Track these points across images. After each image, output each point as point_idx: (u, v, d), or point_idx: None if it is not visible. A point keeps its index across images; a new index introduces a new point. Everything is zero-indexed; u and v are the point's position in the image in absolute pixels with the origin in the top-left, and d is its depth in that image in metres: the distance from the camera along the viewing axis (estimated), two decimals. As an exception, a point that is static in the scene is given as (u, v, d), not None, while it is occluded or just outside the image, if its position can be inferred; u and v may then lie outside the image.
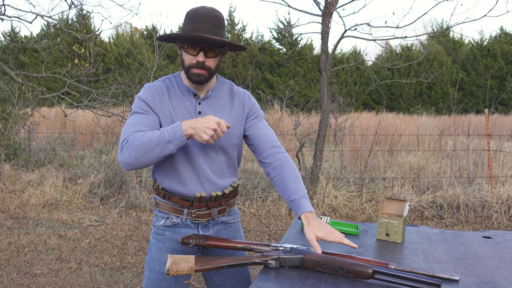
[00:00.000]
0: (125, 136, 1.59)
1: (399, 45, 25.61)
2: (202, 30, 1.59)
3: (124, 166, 1.58)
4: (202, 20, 1.60)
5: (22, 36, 22.24)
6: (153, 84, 1.70)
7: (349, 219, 5.44)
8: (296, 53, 22.98)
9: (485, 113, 6.28)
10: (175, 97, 1.69)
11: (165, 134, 1.54)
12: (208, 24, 1.60)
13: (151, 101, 1.66)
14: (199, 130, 1.52)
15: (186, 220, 1.73)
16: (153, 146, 1.53)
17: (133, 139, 1.55)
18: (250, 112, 1.79)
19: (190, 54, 1.63)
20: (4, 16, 6.81)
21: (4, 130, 7.02)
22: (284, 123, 9.54)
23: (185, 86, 1.71)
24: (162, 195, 1.73)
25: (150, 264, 1.74)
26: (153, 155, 1.54)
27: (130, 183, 6.25)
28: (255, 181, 6.41)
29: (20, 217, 5.40)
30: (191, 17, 1.62)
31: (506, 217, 5.37)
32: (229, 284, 1.81)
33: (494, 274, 1.48)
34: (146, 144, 1.53)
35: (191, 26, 1.61)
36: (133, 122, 1.62)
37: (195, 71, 1.63)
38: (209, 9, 1.63)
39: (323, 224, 1.55)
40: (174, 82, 1.74)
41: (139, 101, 1.67)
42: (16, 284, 3.56)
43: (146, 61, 8.17)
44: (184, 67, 1.66)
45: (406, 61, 18.07)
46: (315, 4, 6.04)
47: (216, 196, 1.71)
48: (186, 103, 1.70)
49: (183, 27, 1.64)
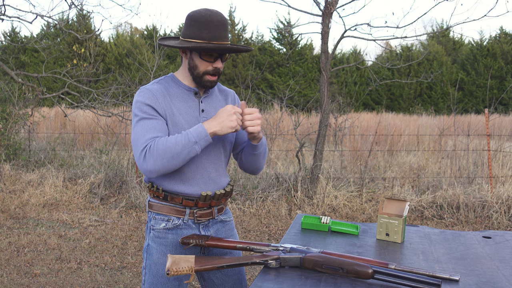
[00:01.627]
0: (144, 143, 1.56)
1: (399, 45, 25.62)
2: (220, 37, 1.61)
3: (149, 174, 1.57)
4: (218, 27, 1.60)
5: (22, 36, 22.25)
6: (152, 87, 1.67)
7: (349, 219, 5.44)
8: (296, 53, 22.97)
9: (485, 113, 6.28)
10: (176, 97, 1.69)
11: (189, 136, 1.55)
12: (223, 31, 1.62)
13: (155, 104, 1.64)
14: (223, 122, 1.56)
15: (187, 221, 1.73)
16: (179, 149, 1.53)
17: (156, 145, 1.54)
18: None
19: (206, 61, 1.63)
20: (4, 16, 6.81)
21: (4, 130, 7.02)
22: (284, 123, 9.53)
23: (185, 86, 1.72)
24: (162, 197, 1.71)
25: (152, 269, 1.71)
26: (179, 158, 1.55)
27: (130, 183, 6.25)
28: (255, 181, 6.41)
29: (20, 217, 5.40)
30: (205, 24, 1.60)
31: (506, 217, 5.37)
32: (228, 283, 1.81)
33: (494, 274, 1.48)
34: (172, 148, 1.53)
35: (207, 33, 1.60)
36: (146, 128, 1.60)
37: (210, 78, 1.66)
38: (218, 14, 1.63)
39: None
40: (172, 82, 1.73)
41: (143, 105, 1.63)
42: (16, 284, 3.56)
43: (146, 61, 8.17)
44: (198, 73, 1.66)
45: (406, 61, 18.07)
46: (315, 4, 6.05)
47: (219, 194, 1.74)
48: (189, 102, 1.71)
49: (194, 32, 1.62)
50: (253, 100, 12.86)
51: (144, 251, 1.76)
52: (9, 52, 17.46)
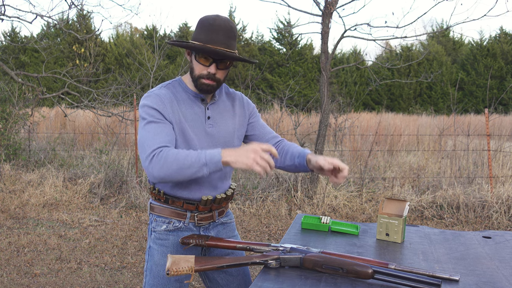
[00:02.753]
0: (152, 147, 1.54)
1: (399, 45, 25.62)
2: (216, 41, 1.58)
3: (152, 178, 1.57)
4: (217, 31, 1.58)
5: (22, 36, 22.25)
6: (160, 92, 1.66)
7: (349, 219, 5.44)
8: (296, 53, 22.98)
9: (485, 113, 6.28)
10: (183, 103, 1.68)
11: (201, 156, 1.50)
12: (222, 36, 1.59)
13: (162, 109, 1.62)
14: (240, 157, 1.48)
15: (188, 224, 1.73)
16: (187, 165, 1.50)
17: (166, 153, 1.52)
18: (251, 114, 1.85)
19: (201, 64, 1.62)
20: (4, 16, 6.81)
21: (4, 130, 7.02)
22: (284, 123, 9.53)
23: (192, 92, 1.70)
24: (164, 200, 1.72)
25: (153, 270, 1.72)
26: (185, 174, 1.51)
27: (130, 183, 6.25)
28: (255, 181, 6.41)
29: (20, 217, 5.40)
30: (207, 27, 1.59)
31: (506, 217, 5.37)
32: (233, 284, 1.81)
33: (494, 274, 1.48)
34: (181, 162, 1.50)
35: (205, 35, 1.59)
36: (155, 131, 1.58)
37: (205, 81, 1.63)
38: (224, 20, 1.61)
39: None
40: (179, 87, 1.71)
41: (150, 109, 1.61)
42: (16, 284, 3.56)
43: (146, 61, 8.17)
44: (194, 76, 1.65)
45: (406, 61, 18.08)
46: (315, 4, 6.05)
47: (220, 198, 1.74)
48: (195, 108, 1.69)
49: (196, 35, 1.62)
50: (253, 100, 12.87)
51: (146, 253, 1.78)
52: (9, 52, 17.47)
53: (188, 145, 1.66)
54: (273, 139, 1.86)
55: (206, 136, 1.70)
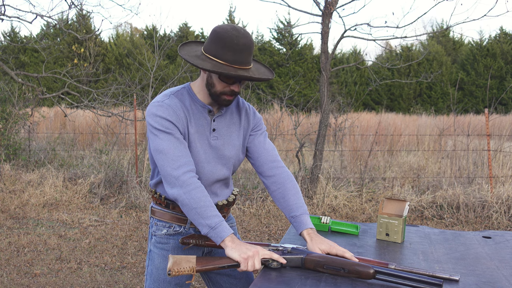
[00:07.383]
0: (182, 168, 1.54)
1: (399, 45, 25.62)
2: (243, 62, 1.56)
3: (163, 192, 1.68)
4: (242, 51, 1.55)
5: (22, 36, 22.22)
6: (171, 102, 1.61)
7: (349, 219, 5.44)
8: (296, 53, 22.97)
9: (485, 113, 6.28)
10: (191, 113, 1.65)
11: (215, 221, 1.51)
12: (247, 55, 1.57)
13: (176, 121, 1.59)
14: (237, 247, 1.47)
15: (189, 229, 1.73)
16: (197, 215, 1.51)
17: (189, 190, 1.52)
18: (255, 126, 1.80)
19: (224, 82, 1.59)
20: (4, 16, 6.81)
21: (4, 130, 7.02)
22: (284, 123, 9.53)
23: (200, 102, 1.67)
24: (165, 205, 1.71)
25: (154, 274, 1.71)
26: (190, 217, 1.54)
27: (130, 183, 6.25)
28: (255, 181, 6.41)
29: (20, 217, 5.40)
30: (231, 45, 1.54)
31: (506, 217, 5.37)
32: (237, 286, 1.80)
33: (494, 274, 1.48)
34: (194, 207, 1.51)
35: (231, 55, 1.55)
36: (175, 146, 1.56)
37: (227, 98, 1.62)
38: (246, 37, 1.56)
39: (325, 239, 1.60)
40: (188, 97, 1.67)
41: (163, 121, 1.58)
42: (16, 284, 3.56)
43: (146, 61, 8.17)
44: (215, 91, 1.61)
45: (406, 61, 18.07)
46: (315, 4, 6.05)
47: (222, 205, 1.73)
48: (201, 120, 1.67)
49: (218, 51, 1.56)
50: (253, 100, 12.86)
51: (147, 257, 1.77)
52: (9, 52, 17.45)
53: (194, 157, 1.64)
54: (268, 164, 1.76)
55: (211, 148, 1.68)
